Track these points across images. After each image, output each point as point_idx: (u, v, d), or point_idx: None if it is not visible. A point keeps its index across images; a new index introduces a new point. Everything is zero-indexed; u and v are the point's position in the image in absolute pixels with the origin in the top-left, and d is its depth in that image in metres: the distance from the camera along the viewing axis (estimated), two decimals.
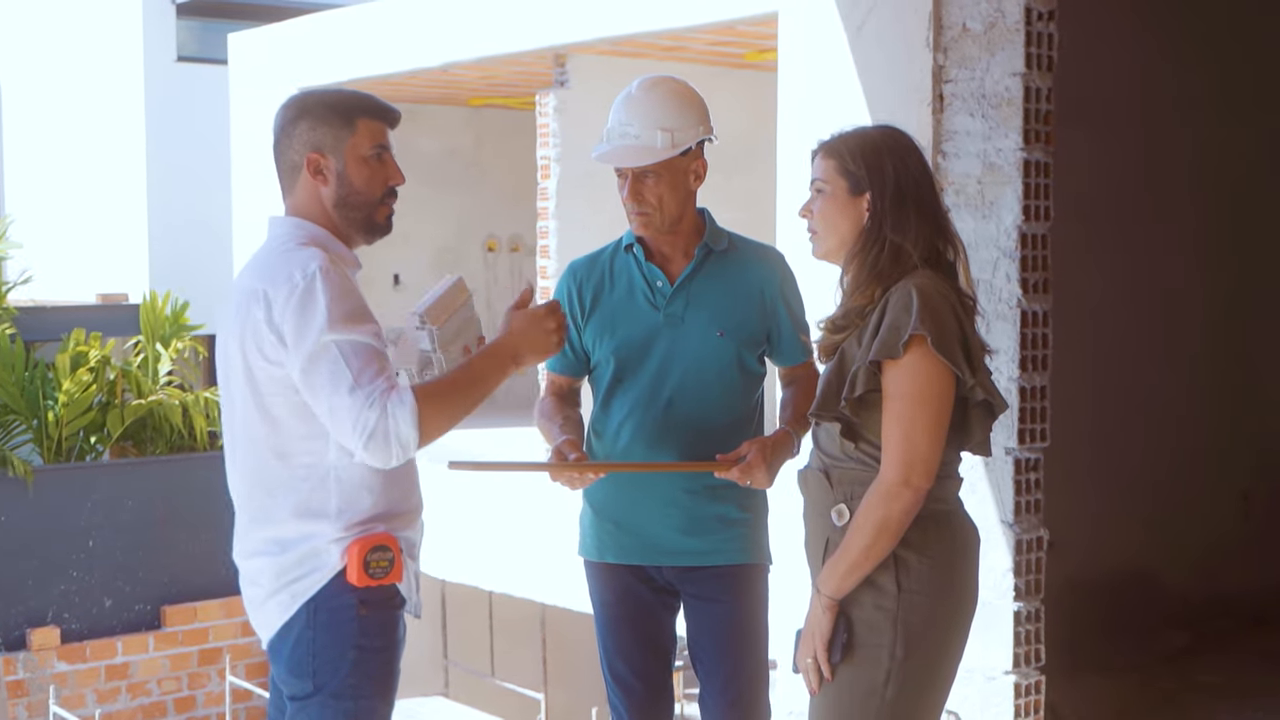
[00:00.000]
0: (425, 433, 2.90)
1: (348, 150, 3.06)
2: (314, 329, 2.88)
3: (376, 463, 2.90)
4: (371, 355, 2.92)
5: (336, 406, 2.88)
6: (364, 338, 2.92)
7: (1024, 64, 4.84)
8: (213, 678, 13.89)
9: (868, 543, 2.88)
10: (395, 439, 2.87)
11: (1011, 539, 4.96)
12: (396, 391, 2.89)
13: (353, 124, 3.07)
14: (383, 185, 3.12)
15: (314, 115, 3.06)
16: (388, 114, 3.13)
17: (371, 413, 2.85)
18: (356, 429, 2.86)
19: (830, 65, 5.34)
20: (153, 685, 13.76)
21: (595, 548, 3.67)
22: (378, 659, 3.04)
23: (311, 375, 2.89)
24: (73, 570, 13.40)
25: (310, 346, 2.88)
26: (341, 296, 2.92)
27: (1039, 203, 4.92)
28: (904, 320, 2.87)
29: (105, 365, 14.11)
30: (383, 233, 3.16)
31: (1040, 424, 4.99)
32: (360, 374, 2.88)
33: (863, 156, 3.02)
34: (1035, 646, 5.02)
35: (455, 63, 10.81)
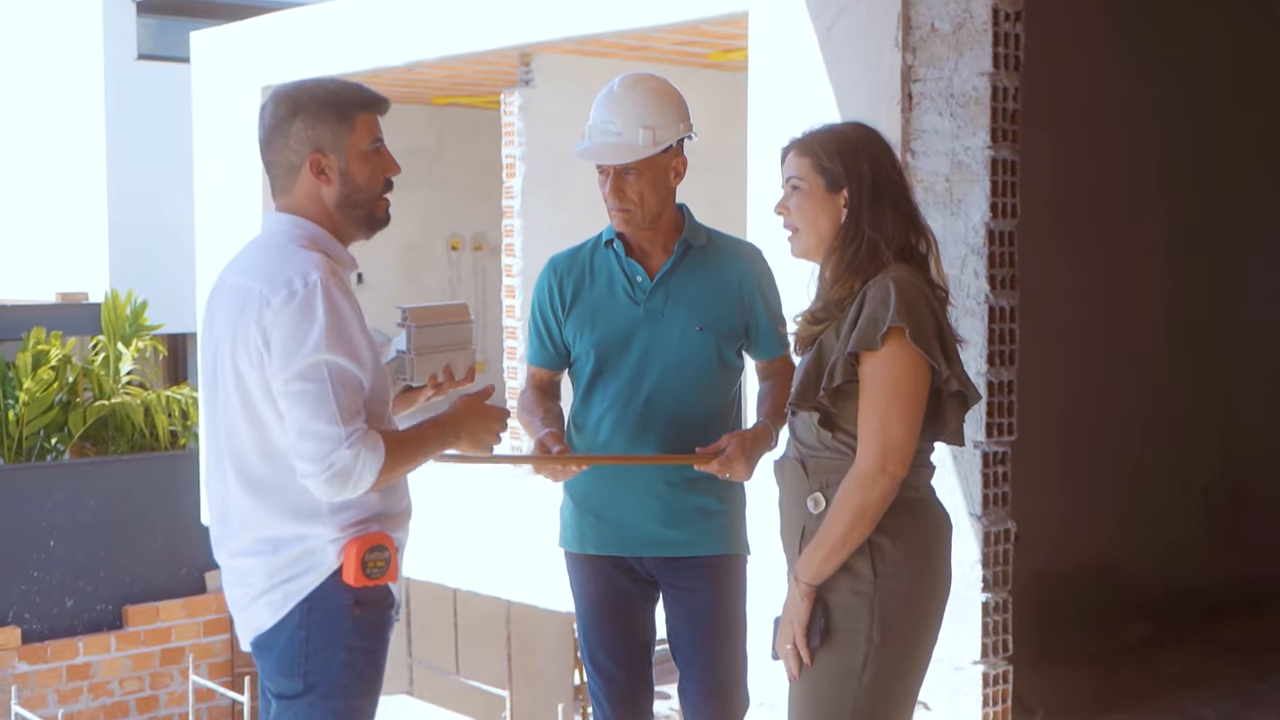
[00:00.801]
0: (378, 484, 2.94)
1: (349, 148, 3.03)
2: (307, 346, 2.86)
3: (319, 494, 2.91)
4: (354, 388, 2.91)
5: (312, 433, 2.87)
6: (352, 365, 2.91)
7: (991, 64, 4.90)
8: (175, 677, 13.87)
9: (845, 529, 2.94)
10: (354, 484, 2.89)
11: (980, 531, 5.03)
12: (372, 437, 2.90)
13: (351, 120, 3.04)
14: (382, 178, 3.12)
15: (310, 113, 3.02)
16: (381, 104, 3.12)
17: (347, 453, 2.86)
18: (324, 462, 2.86)
19: (800, 65, 5.40)
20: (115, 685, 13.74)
21: (576, 539, 3.72)
22: (368, 659, 3.05)
23: (294, 392, 2.87)
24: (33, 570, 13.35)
25: (300, 364, 2.87)
26: (340, 315, 2.89)
27: (1006, 200, 4.99)
28: (882, 313, 2.93)
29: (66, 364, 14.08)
30: (382, 225, 3.16)
31: (1008, 418, 5.06)
32: (344, 409, 2.88)
33: (839, 153, 3.08)
34: (1003, 637, 5.09)
35: (420, 62, 10.81)
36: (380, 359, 3.08)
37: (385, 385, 3.09)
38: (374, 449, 2.90)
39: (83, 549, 13.57)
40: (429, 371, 3.31)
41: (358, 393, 2.92)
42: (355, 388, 2.92)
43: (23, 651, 13.09)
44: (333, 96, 3.05)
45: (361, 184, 3.07)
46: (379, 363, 3.05)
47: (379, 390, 3.04)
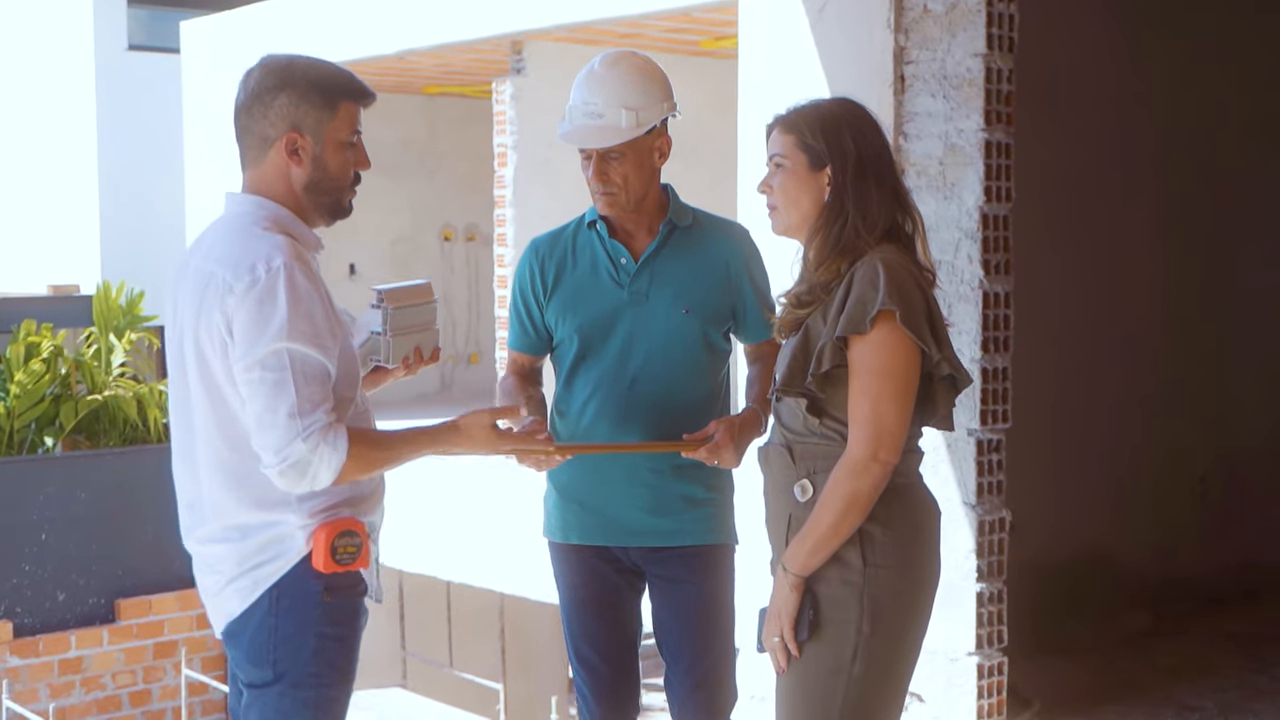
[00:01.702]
0: (342, 479, 2.86)
1: (328, 134, 2.96)
2: (269, 332, 2.80)
3: (279, 484, 2.85)
4: (318, 378, 2.84)
5: (268, 423, 2.81)
6: (316, 353, 2.84)
7: (985, 45, 4.83)
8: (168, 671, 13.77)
9: (835, 519, 2.86)
10: (311, 478, 2.83)
11: (974, 520, 4.95)
12: (334, 432, 2.83)
13: (335, 107, 2.96)
14: (352, 171, 3.04)
15: (297, 91, 2.93)
16: (368, 97, 3.04)
17: (303, 446, 2.79)
18: (280, 454, 2.80)
19: (791, 47, 5.32)
20: (107, 679, 13.64)
21: (560, 529, 3.63)
22: (339, 647, 2.98)
23: (254, 381, 2.81)
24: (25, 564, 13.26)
25: (261, 350, 2.80)
26: (304, 300, 2.82)
27: (1000, 184, 4.91)
28: (871, 295, 2.85)
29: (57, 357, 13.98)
30: (344, 216, 3.08)
31: (1002, 405, 4.99)
32: (304, 399, 2.81)
33: (822, 130, 3.00)
34: (998, 628, 5.02)
35: (412, 50, 10.75)
36: (350, 343, 3.00)
37: (354, 367, 3.01)
38: (335, 445, 2.83)
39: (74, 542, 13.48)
40: (403, 352, 3.25)
41: (322, 381, 2.85)
42: (319, 376, 2.85)
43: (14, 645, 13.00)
44: (323, 79, 2.98)
45: (332, 172, 3.00)
46: (348, 345, 2.99)
47: (348, 373, 2.97)
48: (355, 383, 3.01)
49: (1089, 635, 6.01)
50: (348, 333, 3.01)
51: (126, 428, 14.37)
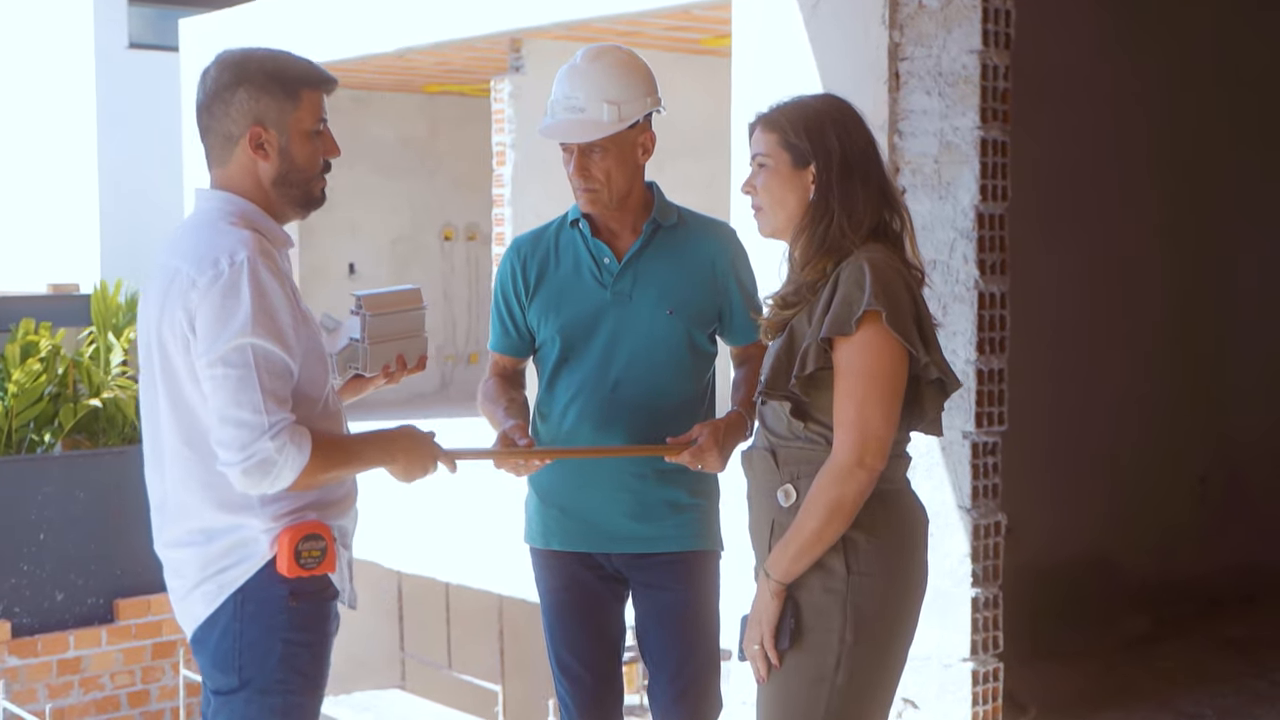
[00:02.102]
0: (300, 483, 2.80)
1: (291, 125, 2.89)
2: (232, 328, 2.74)
3: (237, 485, 2.79)
4: (281, 375, 2.79)
5: (233, 420, 2.74)
6: (280, 350, 2.78)
7: (981, 41, 4.75)
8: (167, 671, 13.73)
9: (819, 525, 2.79)
10: (274, 478, 2.76)
11: (969, 524, 4.88)
12: (300, 433, 2.77)
13: (297, 97, 2.90)
14: (321, 159, 2.97)
15: (256, 84, 2.88)
16: (329, 83, 2.98)
17: (270, 445, 2.73)
18: (245, 451, 2.73)
19: (785, 43, 5.25)
20: (105, 679, 13.60)
21: (541, 534, 3.56)
22: (307, 653, 2.92)
23: (217, 377, 2.75)
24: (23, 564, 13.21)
25: (223, 347, 2.74)
26: (268, 296, 2.76)
27: (996, 182, 4.84)
28: (857, 296, 2.78)
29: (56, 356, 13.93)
30: (317, 206, 3.02)
31: (998, 407, 4.92)
32: (269, 396, 2.75)
33: (805, 128, 2.93)
34: (993, 633, 4.95)
35: (410, 48, 10.68)
36: (318, 342, 2.94)
37: (320, 370, 2.95)
38: (300, 446, 2.77)
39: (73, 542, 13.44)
40: (383, 360, 3.17)
41: (285, 379, 2.80)
42: (282, 374, 2.79)
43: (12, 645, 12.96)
44: (281, 70, 2.91)
45: (300, 163, 2.93)
46: (316, 346, 2.92)
47: (313, 375, 2.91)
48: (322, 384, 2.95)
49: (1087, 639, 5.95)
50: (315, 331, 2.94)
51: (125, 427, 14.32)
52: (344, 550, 3.00)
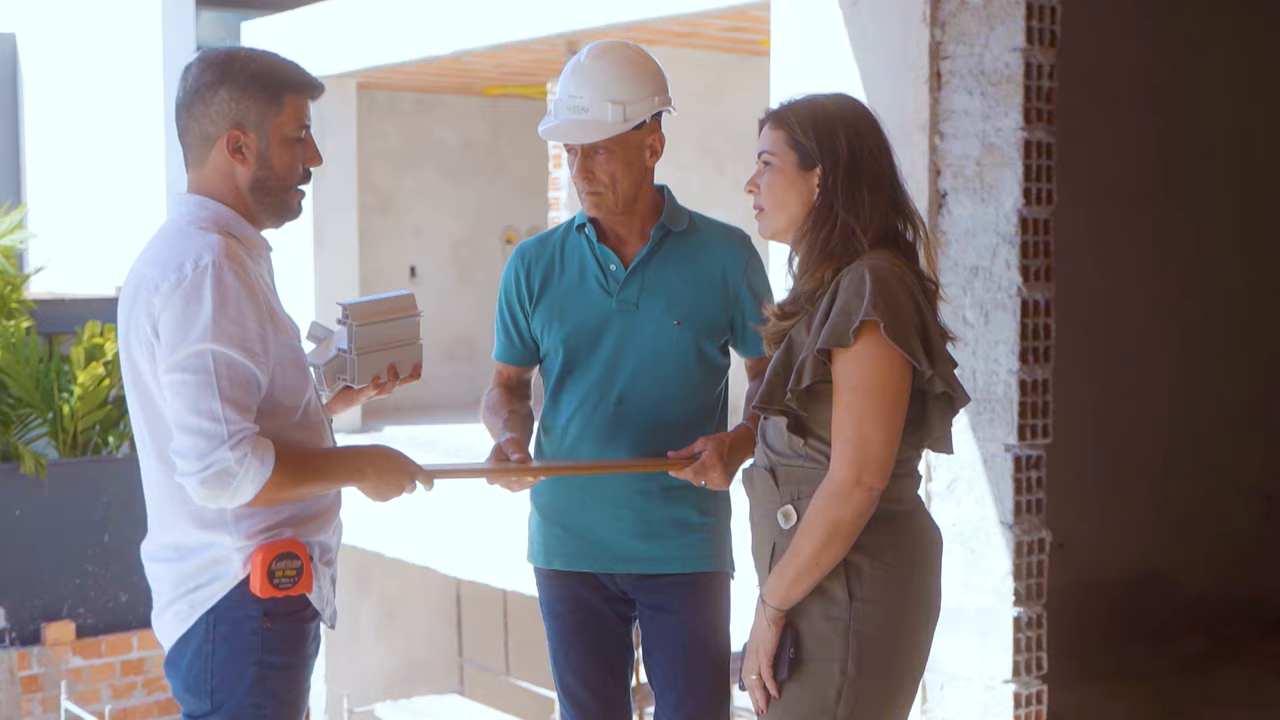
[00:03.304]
0: (262, 498, 2.68)
1: (272, 130, 2.79)
2: (192, 333, 2.64)
3: (195, 497, 2.67)
4: (245, 384, 2.67)
5: (189, 427, 2.63)
6: (244, 358, 2.67)
7: (1024, 39, 4.57)
8: None
9: (817, 548, 2.63)
10: (234, 491, 2.64)
11: (1011, 541, 4.69)
12: (263, 444, 2.65)
13: (280, 101, 2.79)
14: (301, 168, 2.86)
15: (238, 85, 2.77)
16: (314, 89, 2.87)
17: (229, 455, 2.61)
18: (202, 461, 2.61)
19: (825, 41, 5.09)
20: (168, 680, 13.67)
21: (543, 553, 3.41)
22: (282, 676, 2.80)
23: (175, 384, 2.65)
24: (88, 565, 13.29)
25: (183, 352, 2.64)
26: (232, 302, 2.66)
27: (1041, 185, 4.65)
28: (856, 305, 2.63)
29: None
30: (293, 217, 2.91)
31: (1042, 419, 4.72)
32: (229, 404, 2.64)
33: (814, 128, 2.78)
34: (1036, 654, 4.76)
35: (467, 50, 10.60)
36: (294, 350, 2.83)
37: (298, 379, 2.83)
38: (262, 458, 2.65)
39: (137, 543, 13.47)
40: (372, 372, 3.05)
41: (249, 388, 2.68)
42: (246, 382, 2.68)
43: (76, 646, 13.04)
44: (265, 72, 2.80)
45: (279, 171, 2.83)
46: (292, 354, 2.81)
47: (288, 384, 2.79)
48: (299, 393, 2.84)
49: (1140, 660, 5.74)
50: (291, 338, 2.83)
51: None
52: (324, 568, 2.89)
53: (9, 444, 12.94)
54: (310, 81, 2.86)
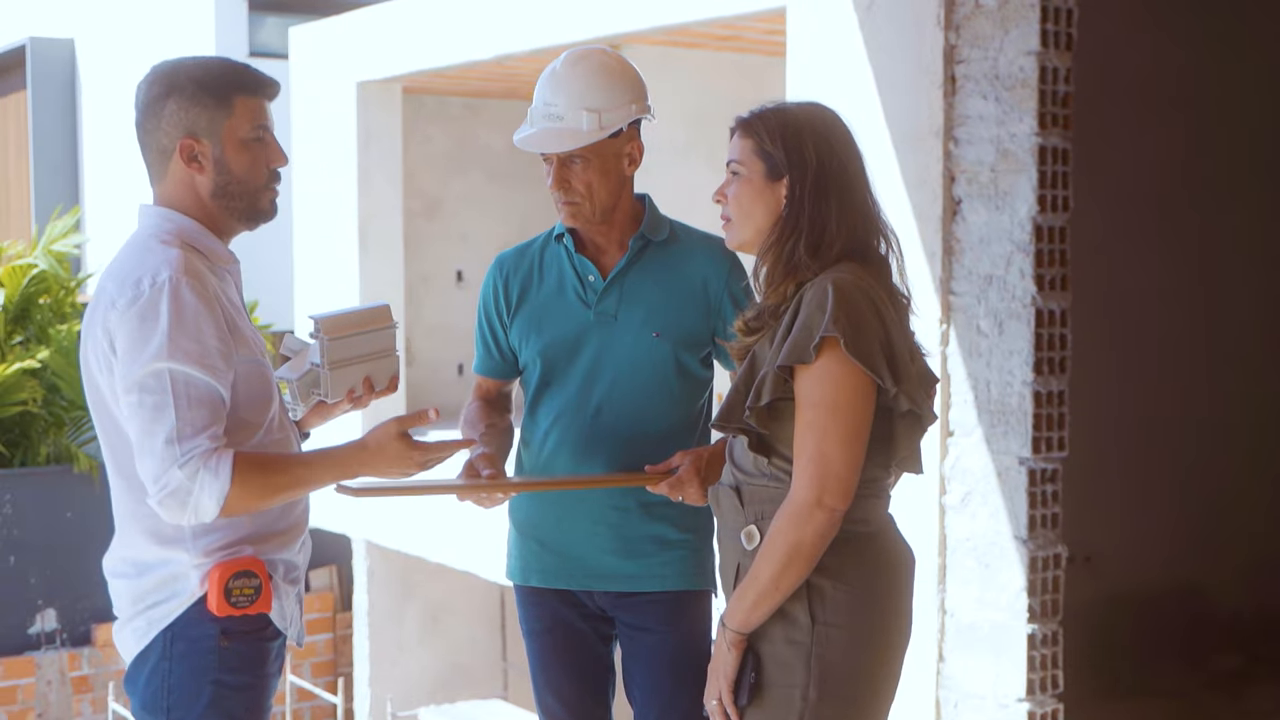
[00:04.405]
0: (230, 508, 2.63)
1: (225, 134, 2.76)
2: (148, 351, 2.60)
3: (161, 515, 2.64)
4: (205, 401, 2.63)
5: (147, 449, 2.61)
6: (203, 375, 2.63)
7: (1039, 42, 4.45)
8: None
9: (777, 570, 2.55)
10: (193, 509, 2.61)
11: (1025, 556, 4.58)
12: (216, 458, 2.60)
13: (229, 104, 2.76)
14: (266, 168, 2.82)
15: (184, 94, 2.75)
16: (266, 87, 2.83)
17: (179, 473, 2.58)
18: (158, 483, 2.59)
19: (840, 45, 5.00)
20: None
21: (520, 570, 3.34)
22: (240, 697, 2.76)
23: (133, 400, 2.62)
24: None
25: (140, 370, 2.61)
26: (189, 319, 2.62)
27: (1057, 192, 4.54)
28: (817, 320, 2.54)
29: None
30: (267, 218, 2.87)
31: (1058, 431, 4.60)
32: (185, 423, 2.60)
33: (782, 137, 2.70)
34: (1052, 672, 4.64)
35: (509, 55, 10.56)
36: (259, 363, 2.79)
37: (262, 392, 2.79)
38: (216, 472, 2.60)
39: None
40: (346, 386, 2.99)
41: (209, 405, 2.64)
42: (206, 399, 2.63)
43: None
44: (211, 77, 2.78)
45: (239, 174, 2.79)
46: (256, 368, 2.77)
47: (252, 399, 2.75)
48: (264, 408, 2.80)
49: (1171, 676, 5.58)
50: (255, 353, 2.79)
51: None
52: (289, 587, 2.84)
53: (62, 446, 13.05)
54: (261, 81, 2.83)
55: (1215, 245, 5.85)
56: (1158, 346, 5.59)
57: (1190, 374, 5.81)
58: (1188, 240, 5.65)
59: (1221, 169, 5.85)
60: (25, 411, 12.52)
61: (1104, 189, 4.88)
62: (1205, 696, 5.53)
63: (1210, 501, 5.86)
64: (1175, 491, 5.73)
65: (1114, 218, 4.99)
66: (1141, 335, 5.55)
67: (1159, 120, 5.24)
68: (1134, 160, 5.18)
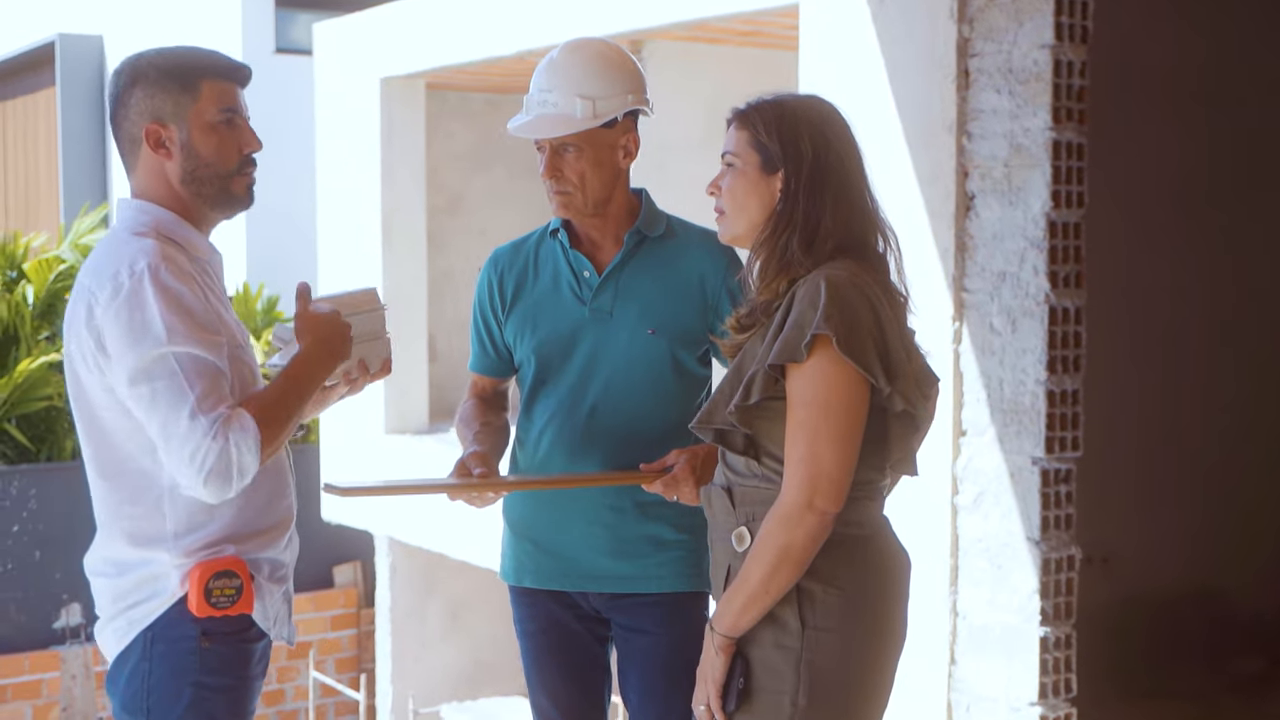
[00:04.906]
0: (265, 455, 2.60)
1: (191, 118, 2.73)
2: (147, 339, 2.57)
3: (212, 498, 2.59)
4: (213, 374, 2.60)
5: (173, 432, 2.56)
6: (203, 351, 2.60)
7: (1053, 35, 4.38)
8: (302, 671, 13.79)
9: (766, 573, 2.50)
10: (237, 471, 2.56)
11: (1038, 558, 4.51)
12: (237, 418, 2.58)
13: (195, 88, 2.73)
14: (237, 153, 2.78)
15: (149, 81, 2.73)
16: (235, 72, 2.80)
17: (215, 444, 2.54)
18: (195, 461, 2.54)
19: (852, 39, 4.93)
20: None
21: (514, 570, 3.28)
22: (222, 699, 2.72)
23: (144, 392, 2.58)
24: None
25: (142, 359, 2.57)
26: (177, 301, 2.59)
27: (1071, 188, 4.46)
28: (809, 317, 2.48)
29: None
30: (243, 205, 2.83)
31: (1071, 431, 4.53)
32: (203, 398, 2.56)
33: (778, 130, 2.64)
34: (1065, 676, 4.57)
35: (530, 50, 10.51)
36: (241, 349, 2.75)
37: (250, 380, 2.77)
38: (244, 429, 2.57)
39: None
40: (341, 368, 2.96)
41: (216, 378, 2.61)
42: (212, 374, 2.60)
43: None
44: (175, 63, 2.76)
45: (207, 157, 2.75)
46: (239, 353, 2.73)
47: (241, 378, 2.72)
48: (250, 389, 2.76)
49: (1190, 680, 5.49)
50: (236, 337, 2.75)
51: None
52: (274, 586, 2.80)
53: None
54: (228, 64, 2.80)
55: (1236, 242, 5.75)
56: (1176, 344, 5.49)
57: (1209, 372, 5.72)
58: (1208, 237, 5.54)
59: (1244, 165, 5.75)
60: (51, 406, 12.52)
61: (1121, 184, 4.79)
62: (1226, 700, 5.44)
63: (1230, 501, 5.76)
64: (1195, 491, 5.63)
65: (1132, 214, 4.89)
66: (1160, 333, 5.46)
67: (1180, 114, 5.14)
68: (1153, 155, 5.09)
